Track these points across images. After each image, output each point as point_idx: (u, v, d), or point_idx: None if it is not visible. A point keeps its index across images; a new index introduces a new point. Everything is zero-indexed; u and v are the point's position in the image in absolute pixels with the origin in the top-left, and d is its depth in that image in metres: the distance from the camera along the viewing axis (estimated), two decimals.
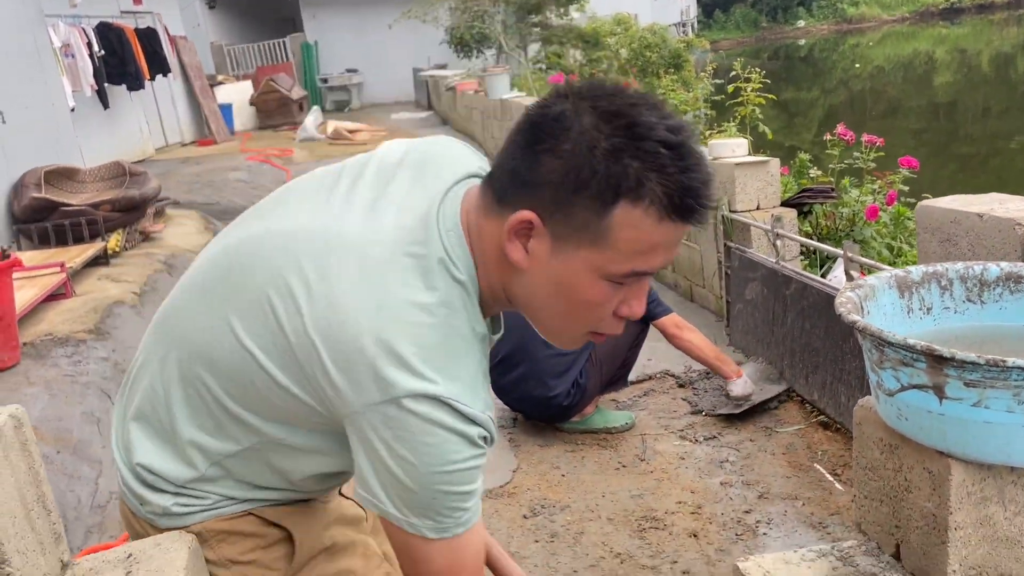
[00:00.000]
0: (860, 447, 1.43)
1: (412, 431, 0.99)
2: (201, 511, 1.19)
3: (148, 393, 1.17)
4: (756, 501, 2.88)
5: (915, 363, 1.20)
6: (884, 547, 1.40)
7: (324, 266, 1.04)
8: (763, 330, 3.84)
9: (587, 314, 1.08)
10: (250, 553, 1.22)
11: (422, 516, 1.03)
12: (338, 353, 1.00)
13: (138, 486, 1.18)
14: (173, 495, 1.17)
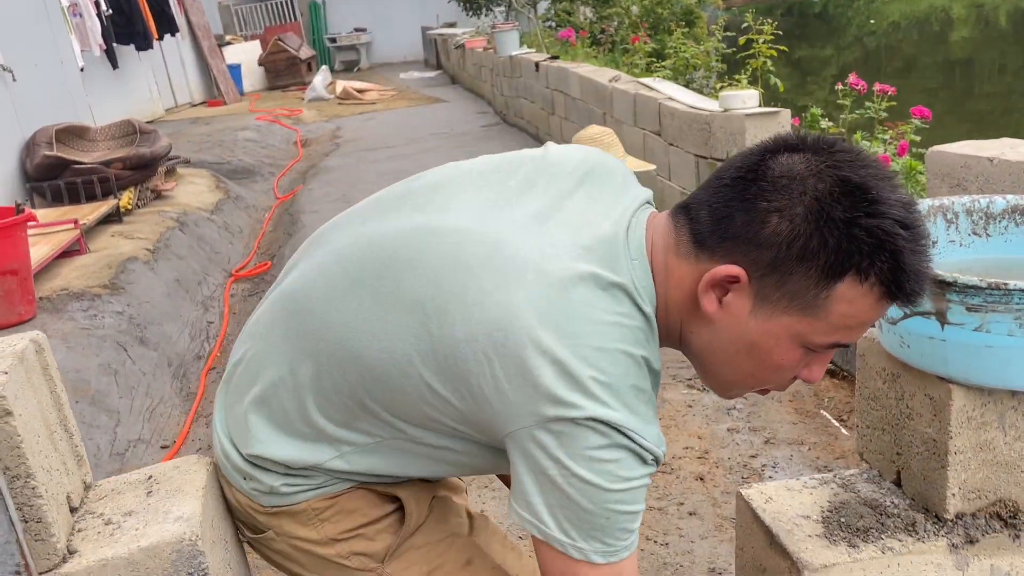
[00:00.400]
0: (863, 378, 1.45)
1: (586, 448, 0.94)
2: (309, 490, 1.15)
3: (275, 383, 1.10)
4: (762, 446, 2.92)
5: None
6: (885, 474, 1.43)
7: (499, 276, 0.97)
8: None
9: (770, 375, 1.04)
10: (354, 530, 1.18)
11: (591, 539, 0.97)
12: (513, 366, 0.94)
13: (247, 467, 1.14)
14: (282, 475, 1.13)
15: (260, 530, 1.18)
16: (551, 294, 0.95)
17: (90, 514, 1.14)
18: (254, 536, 1.21)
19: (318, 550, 1.17)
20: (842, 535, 1.30)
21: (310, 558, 1.17)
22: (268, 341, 1.13)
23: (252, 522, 1.19)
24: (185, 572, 1.06)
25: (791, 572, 1.27)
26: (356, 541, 1.17)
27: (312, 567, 1.18)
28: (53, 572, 1.02)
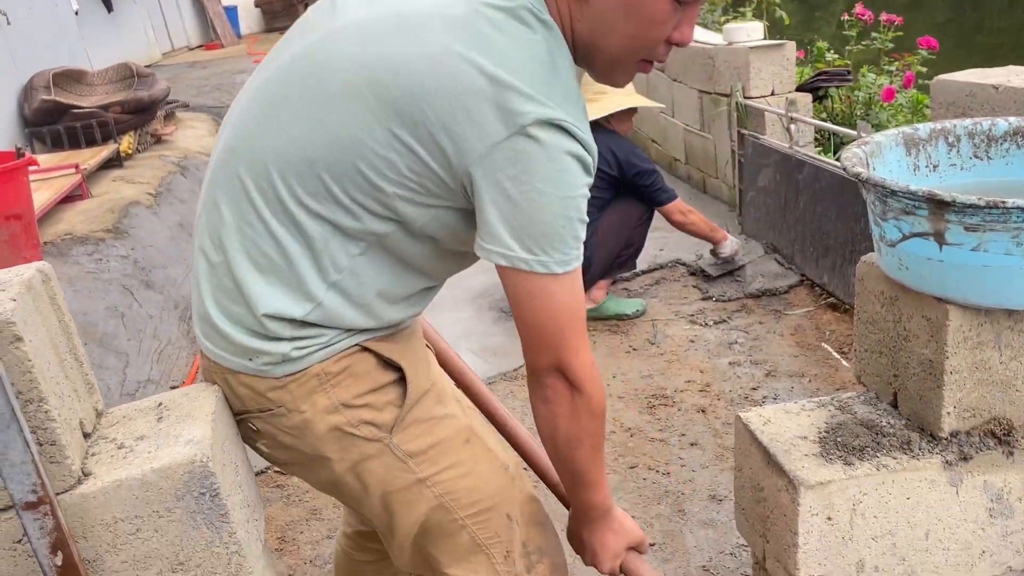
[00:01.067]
0: (861, 302, 1.47)
1: (540, 159, 1.05)
2: (318, 349, 1.17)
3: (247, 237, 1.13)
4: (763, 379, 2.95)
5: (917, 210, 1.21)
6: (882, 396, 1.45)
7: (410, 35, 1.07)
8: (775, 216, 3.84)
9: (648, 34, 1.14)
10: (363, 396, 1.21)
11: (552, 249, 1.09)
12: (455, 102, 1.04)
13: (254, 341, 1.15)
14: (290, 340, 1.15)
15: (268, 409, 1.19)
16: (464, 30, 1.06)
17: (103, 439, 1.17)
18: (262, 416, 1.21)
19: (329, 419, 1.19)
20: (838, 454, 1.32)
21: (316, 433, 1.19)
22: (220, 208, 1.17)
23: (260, 404, 1.20)
24: (197, 492, 1.09)
25: (788, 490, 1.30)
26: (365, 410, 1.21)
27: (318, 443, 1.20)
28: (69, 493, 1.05)
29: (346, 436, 1.20)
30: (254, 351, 1.16)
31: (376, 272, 1.17)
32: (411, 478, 1.24)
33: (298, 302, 1.14)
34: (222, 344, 1.18)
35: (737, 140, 4.20)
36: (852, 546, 1.32)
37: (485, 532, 1.30)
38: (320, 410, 1.19)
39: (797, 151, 3.62)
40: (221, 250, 1.16)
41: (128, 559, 1.09)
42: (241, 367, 1.18)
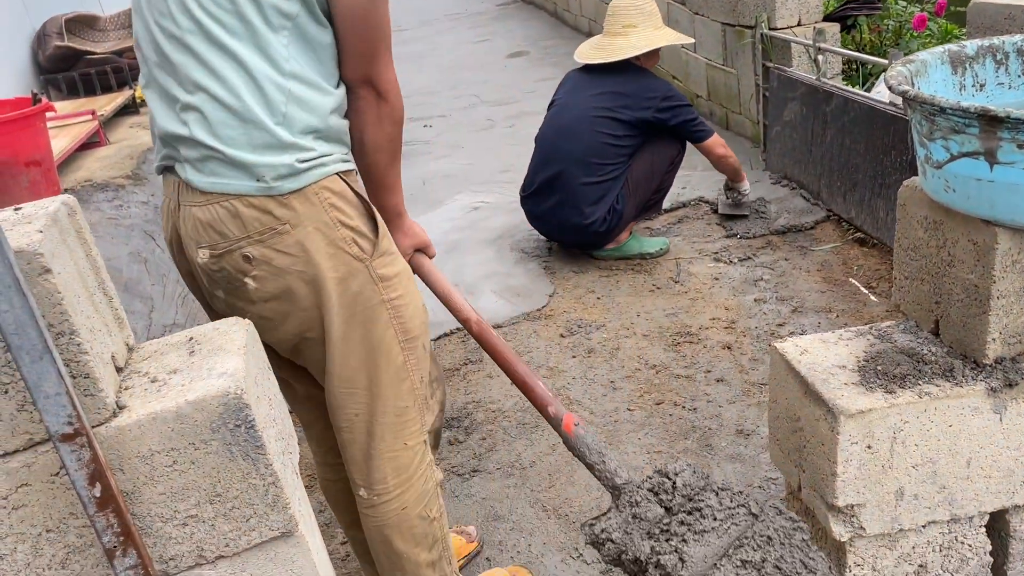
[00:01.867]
0: (903, 228, 1.43)
1: None
2: (315, 167, 1.32)
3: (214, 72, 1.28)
4: (790, 315, 2.92)
5: (967, 129, 1.16)
6: (923, 324, 1.42)
7: None
8: (800, 152, 3.76)
9: None
10: (353, 219, 1.37)
11: None
12: None
13: (265, 155, 1.29)
14: (294, 150, 1.31)
15: (272, 228, 1.31)
16: None
17: (135, 373, 1.16)
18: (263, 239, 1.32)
19: (327, 233, 1.34)
20: (879, 382, 1.30)
21: (315, 248, 1.33)
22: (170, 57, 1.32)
23: (265, 224, 1.31)
24: (232, 423, 1.08)
25: (826, 419, 1.28)
26: (355, 232, 1.38)
27: (315, 258, 1.34)
28: (104, 426, 1.04)
29: (339, 252, 1.36)
30: (265, 166, 1.29)
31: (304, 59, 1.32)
32: (378, 298, 1.42)
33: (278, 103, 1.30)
34: (232, 173, 1.30)
35: (762, 74, 4.09)
36: (892, 474, 1.30)
37: (412, 357, 1.49)
38: (320, 225, 1.33)
39: (825, 83, 3.52)
40: (201, 89, 1.28)
41: (166, 491, 1.09)
42: (250, 189, 1.30)
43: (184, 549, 1.13)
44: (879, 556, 1.38)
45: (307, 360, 1.48)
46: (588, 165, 3.29)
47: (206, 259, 1.35)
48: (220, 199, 1.30)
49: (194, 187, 1.32)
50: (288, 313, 1.38)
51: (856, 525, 1.33)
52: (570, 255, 3.60)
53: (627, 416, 2.51)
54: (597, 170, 3.30)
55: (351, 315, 1.40)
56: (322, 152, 1.34)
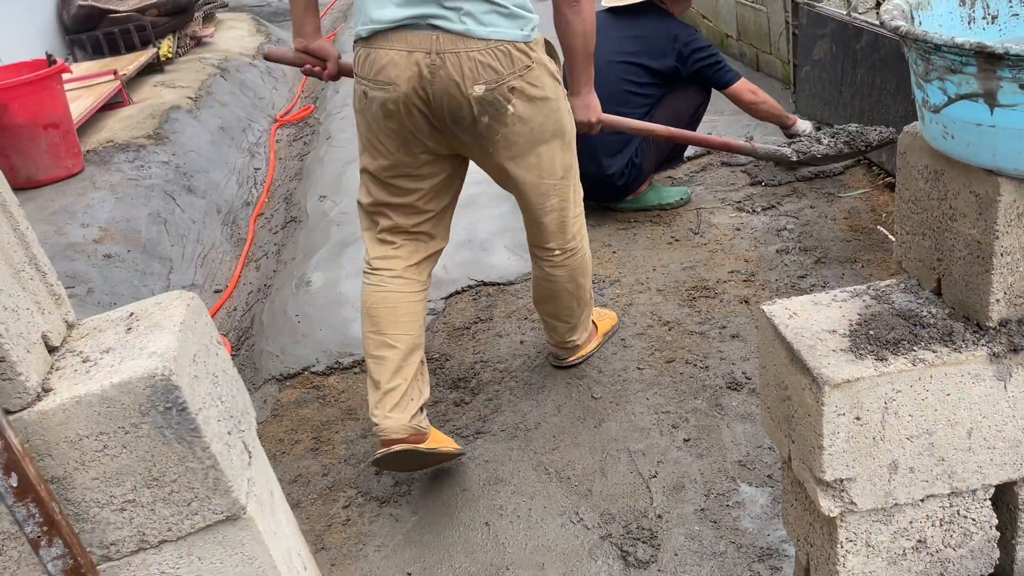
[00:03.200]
0: (904, 178, 1.30)
1: None
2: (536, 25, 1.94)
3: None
4: (812, 266, 2.78)
5: (964, 68, 1.04)
6: (924, 283, 1.30)
7: None
8: (831, 92, 3.57)
9: None
10: (555, 63, 2.03)
11: None
12: None
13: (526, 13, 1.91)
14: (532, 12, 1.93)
15: (528, 65, 1.90)
16: None
17: (70, 352, 1.11)
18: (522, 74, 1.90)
19: (550, 67, 1.97)
20: (870, 348, 1.19)
21: (547, 77, 1.96)
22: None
23: (525, 62, 1.89)
24: (162, 406, 1.03)
25: (812, 389, 1.19)
26: (559, 68, 2.04)
27: (547, 86, 1.96)
28: (27, 410, 1.00)
29: (557, 82, 2.00)
30: (525, 20, 1.88)
31: None
32: (566, 125, 2.07)
33: None
34: (508, 24, 1.85)
35: (792, 10, 3.88)
36: (884, 447, 1.21)
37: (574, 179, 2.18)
38: (547, 63, 1.95)
39: (855, 18, 3.31)
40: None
41: (99, 475, 1.05)
42: (519, 37, 1.86)
43: (124, 534, 1.09)
44: (873, 531, 1.29)
45: (518, 168, 2.04)
46: (609, 114, 3.15)
47: (481, 92, 1.86)
48: (498, 44, 1.84)
49: (474, 36, 1.82)
50: (527, 133, 1.96)
51: (846, 500, 1.24)
52: (588, 207, 3.48)
53: (636, 375, 2.43)
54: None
55: (559, 125, 2.03)
56: (535, 18, 1.92)
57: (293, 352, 2.88)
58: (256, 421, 1.29)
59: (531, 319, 2.79)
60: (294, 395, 2.68)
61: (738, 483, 2.01)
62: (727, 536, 1.87)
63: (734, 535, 1.87)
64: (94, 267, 3.46)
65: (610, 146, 3.19)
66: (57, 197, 3.90)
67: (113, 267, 3.54)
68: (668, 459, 2.12)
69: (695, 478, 2.05)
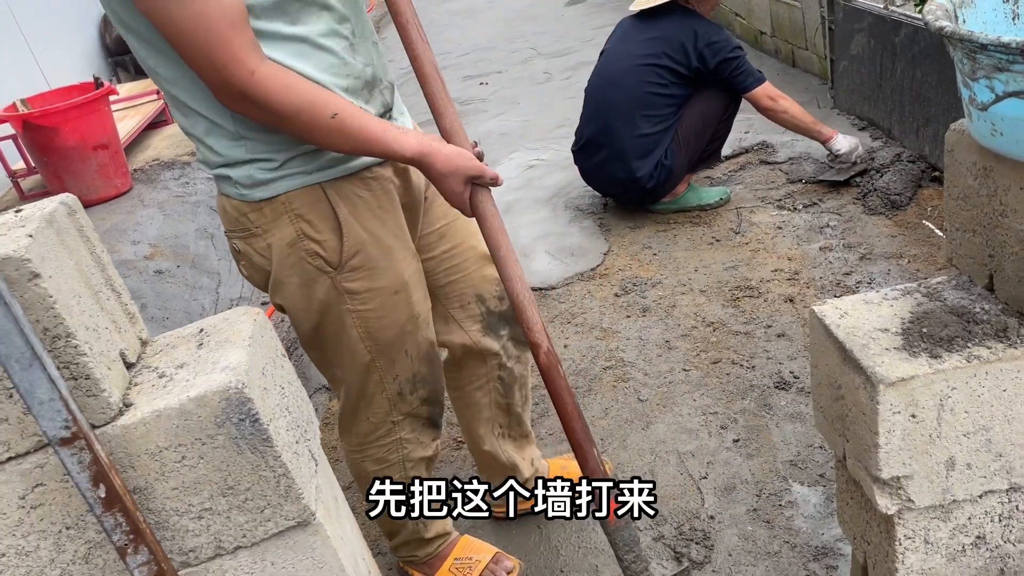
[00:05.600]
0: (952, 175, 1.31)
1: None
2: (279, 177, 1.37)
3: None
4: (857, 263, 2.77)
5: (1012, 66, 1.04)
6: (976, 279, 1.30)
7: None
8: (870, 86, 3.54)
9: None
10: (320, 232, 1.42)
11: None
12: None
13: (224, 170, 1.37)
14: (246, 163, 1.35)
15: (248, 229, 1.42)
16: None
17: (146, 368, 1.16)
18: (243, 236, 1.43)
19: (291, 246, 1.42)
20: (923, 346, 1.20)
21: (280, 256, 1.43)
22: None
23: (243, 224, 1.42)
24: (236, 418, 1.07)
25: (866, 387, 1.20)
26: (318, 245, 1.43)
27: (281, 265, 1.44)
28: (111, 425, 1.05)
29: (301, 262, 1.44)
30: (229, 179, 1.37)
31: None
32: (344, 308, 1.50)
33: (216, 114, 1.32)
34: (214, 173, 1.40)
35: (827, 5, 3.86)
36: (940, 444, 1.21)
37: (381, 357, 1.57)
38: (285, 236, 1.41)
39: (893, 11, 3.29)
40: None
41: (178, 485, 1.10)
42: (228, 192, 1.40)
43: (202, 541, 1.14)
44: (931, 528, 1.29)
45: None
46: (635, 117, 3.17)
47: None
48: (218, 192, 1.45)
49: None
50: (276, 300, 1.54)
51: (904, 497, 1.25)
52: (626, 211, 3.51)
53: (682, 376, 2.44)
54: (644, 122, 3.17)
55: (319, 318, 1.52)
56: (276, 163, 1.36)
57: None
58: None
59: (574, 323, 2.81)
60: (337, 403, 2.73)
61: (790, 483, 2.02)
62: (781, 536, 1.88)
63: (788, 535, 1.87)
64: (146, 283, 3.55)
65: (638, 149, 3.20)
66: (108, 216, 4.01)
67: (164, 282, 3.64)
68: (718, 460, 2.13)
69: (746, 478, 2.05)
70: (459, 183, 1.45)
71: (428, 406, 1.72)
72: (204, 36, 1.18)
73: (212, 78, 1.22)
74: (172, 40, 1.20)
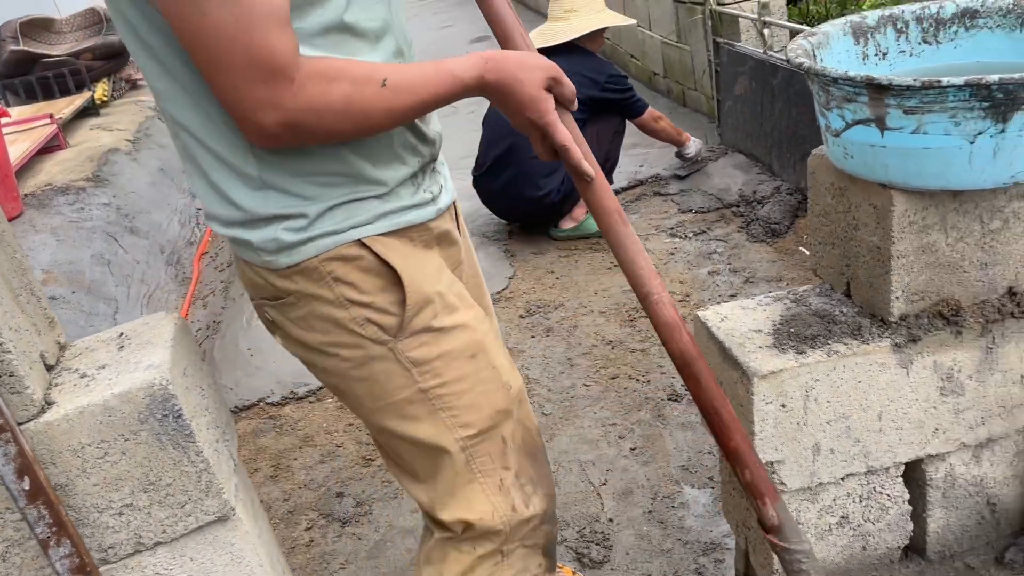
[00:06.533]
0: (814, 196, 1.48)
1: None
2: (308, 239, 1.10)
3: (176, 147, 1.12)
4: (742, 285, 2.98)
5: (858, 97, 1.21)
6: (836, 286, 1.47)
7: None
8: (752, 125, 3.82)
9: None
10: (367, 294, 1.14)
11: None
12: None
13: (241, 232, 1.10)
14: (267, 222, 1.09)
15: (279, 297, 1.14)
16: None
17: (66, 370, 1.19)
18: (275, 304, 1.16)
19: (335, 312, 1.13)
20: (791, 344, 1.35)
21: (326, 323, 1.14)
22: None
23: (272, 292, 1.14)
24: (160, 414, 1.12)
25: (742, 381, 1.34)
26: (369, 310, 1.14)
27: (325, 336, 1.15)
28: (33, 422, 1.08)
29: (351, 333, 1.14)
30: (250, 244, 1.10)
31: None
32: (414, 387, 1.17)
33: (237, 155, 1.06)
34: (228, 235, 1.13)
35: (713, 49, 4.14)
36: (807, 431, 1.36)
37: (478, 455, 1.21)
38: (325, 302, 1.13)
39: (771, 56, 3.57)
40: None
41: (99, 481, 1.13)
42: (249, 258, 1.13)
43: (122, 537, 1.17)
44: (802, 510, 1.44)
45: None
46: None
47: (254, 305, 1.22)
48: (236, 259, 1.17)
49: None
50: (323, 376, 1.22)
51: (777, 481, 1.39)
52: (529, 238, 3.65)
53: (583, 391, 2.57)
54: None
55: (382, 411, 1.19)
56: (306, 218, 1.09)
57: (247, 384, 2.94)
58: None
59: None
60: (251, 426, 2.74)
61: (682, 486, 2.16)
62: (673, 534, 2.01)
63: (680, 533, 2.00)
64: None
65: (543, 168, 3.39)
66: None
67: (58, 308, 3.54)
68: (616, 467, 2.25)
69: (642, 483, 2.18)
70: (539, 84, 1.16)
71: (547, 525, 1.31)
72: (244, 43, 0.94)
73: (245, 99, 0.97)
74: (199, 49, 0.95)
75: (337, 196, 1.11)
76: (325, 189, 1.09)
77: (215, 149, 1.06)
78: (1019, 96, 1.10)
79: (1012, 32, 1.38)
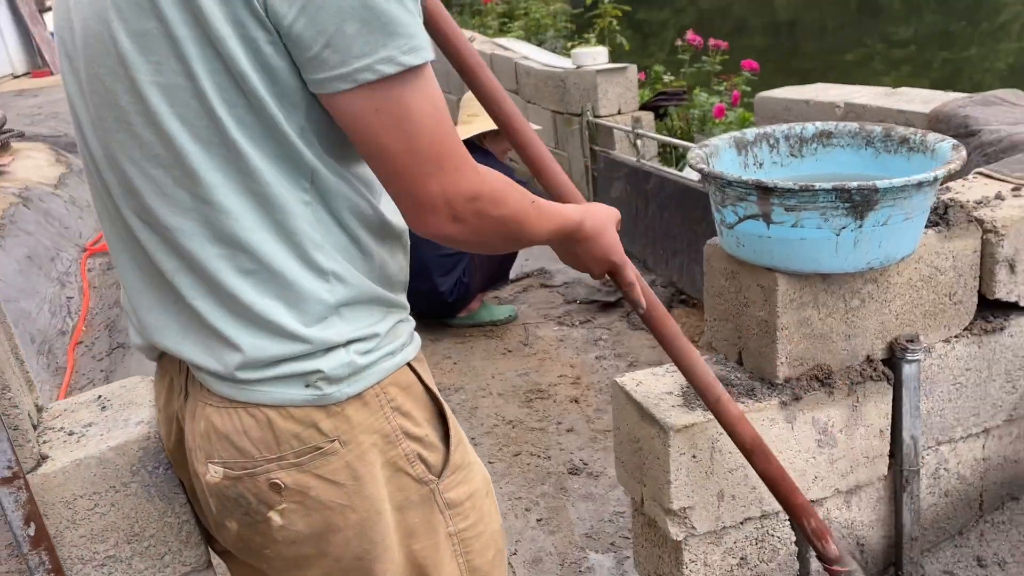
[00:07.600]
0: (709, 278, 1.75)
1: None
2: (378, 359, 0.98)
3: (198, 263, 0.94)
4: (627, 368, 3.25)
5: (748, 196, 1.50)
6: (729, 356, 1.73)
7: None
8: (628, 225, 4.19)
9: None
10: (422, 427, 1.03)
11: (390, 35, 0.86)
12: None
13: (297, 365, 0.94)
14: (344, 346, 0.96)
15: (317, 447, 0.96)
16: None
17: (50, 429, 1.25)
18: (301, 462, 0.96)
19: (385, 452, 1.00)
20: (697, 403, 1.58)
21: (372, 473, 0.99)
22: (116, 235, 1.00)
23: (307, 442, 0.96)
24: (151, 466, 1.20)
25: (660, 436, 1.55)
26: (421, 445, 1.03)
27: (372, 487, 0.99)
28: (31, 474, 1.14)
29: (399, 474, 1.01)
30: (309, 373, 0.94)
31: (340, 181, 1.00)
32: (443, 532, 1.06)
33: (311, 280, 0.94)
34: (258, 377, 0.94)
35: (590, 156, 4.54)
36: (713, 478, 1.58)
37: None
38: (380, 440, 0.99)
39: (644, 164, 3.98)
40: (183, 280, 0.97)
41: (86, 533, 1.19)
42: (291, 399, 0.94)
43: None
44: (708, 552, 1.64)
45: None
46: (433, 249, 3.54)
47: (218, 479, 0.98)
48: (241, 410, 0.96)
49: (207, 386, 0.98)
50: (317, 558, 1.02)
51: (689, 525, 1.59)
52: (426, 325, 3.81)
53: (489, 468, 2.70)
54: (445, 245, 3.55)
55: (404, 559, 1.05)
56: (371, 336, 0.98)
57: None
58: None
59: None
60: None
61: (586, 552, 2.32)
62: None
63: None
64: None
65: (441, 267, 3.57)
66: None
67: None
68: (525, 538, 2.40)
69: (550, 551, 2.34)
70: (614, 232, 1.24)
71: None
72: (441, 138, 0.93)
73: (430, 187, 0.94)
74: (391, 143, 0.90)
75: (400, 309, 1.04)
76: (391, 306, 1.03)
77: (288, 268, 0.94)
78: (873, 199, 1.41)
79: (859, 149, 1.72)
